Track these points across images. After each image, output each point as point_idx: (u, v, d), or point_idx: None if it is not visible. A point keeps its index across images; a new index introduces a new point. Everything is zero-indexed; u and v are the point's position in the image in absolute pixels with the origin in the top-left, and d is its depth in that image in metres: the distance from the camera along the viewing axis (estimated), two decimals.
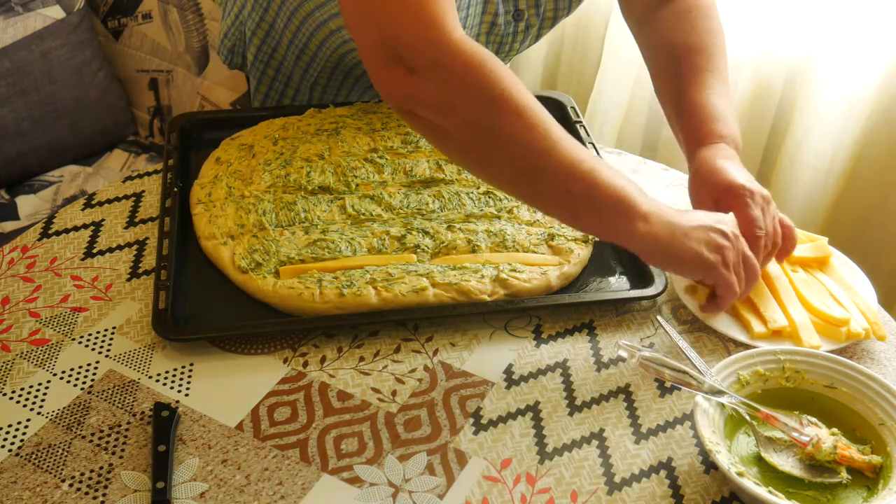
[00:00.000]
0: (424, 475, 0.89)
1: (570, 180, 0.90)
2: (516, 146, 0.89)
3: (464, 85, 0.88)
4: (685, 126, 1.11)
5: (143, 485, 0.87)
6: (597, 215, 0.93)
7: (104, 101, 1.94)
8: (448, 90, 0.88)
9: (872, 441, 0.90)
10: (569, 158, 0.90)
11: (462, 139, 0.91)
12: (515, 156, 0.90)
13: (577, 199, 0.91)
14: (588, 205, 0.92)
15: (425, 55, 0.87)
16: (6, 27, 1.79)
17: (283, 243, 1.08)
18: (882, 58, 1.66)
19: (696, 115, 1.10)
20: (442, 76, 0.88)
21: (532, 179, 0.92)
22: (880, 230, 1.85)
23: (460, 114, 0.89)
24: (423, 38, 0.87)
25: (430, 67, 0.88)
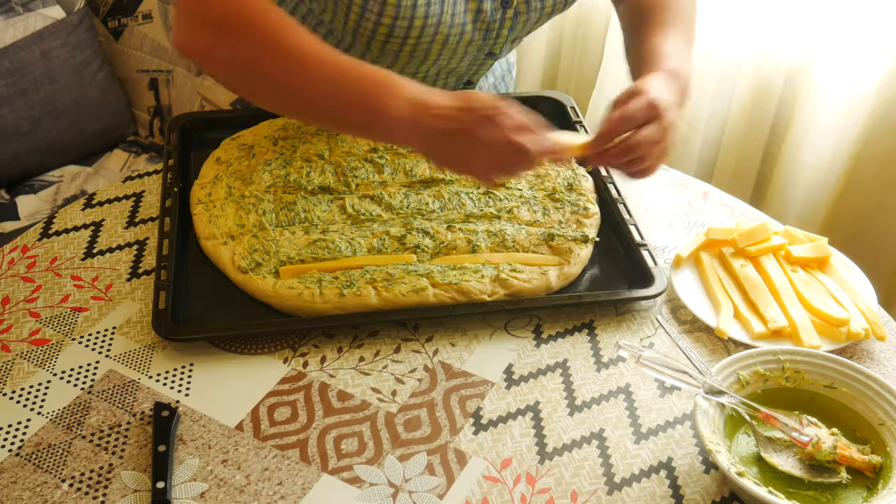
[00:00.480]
0: (424, 475, 0.89)
1: (329, 106, 0.98)
2: (274, 84, 0.99)
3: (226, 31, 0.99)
4: (641, 61, 1.14)
5: (143, 485, 0.87)
6: (359, 127, 1.01)
7: (104, 101, 1.94)
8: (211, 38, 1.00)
9: (872, 441, 0.90)
10: (326, 86, 0.97)
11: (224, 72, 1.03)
12: (273, 91, 1.00)
13: (338, 117, 0.99)
14: (349, 121, 0.99)
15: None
16: (6, 27, 1.79)
17: (283, 243, 1.08)
18: (882, 58, 1.66)
19: (646, 57, 1.13)
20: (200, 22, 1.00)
21: (296, 104, 1.01)
22: (880, 230, 1.85)
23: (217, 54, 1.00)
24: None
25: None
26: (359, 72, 0.97)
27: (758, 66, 1.81)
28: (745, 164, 1.93)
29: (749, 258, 1.11)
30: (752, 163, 1.93)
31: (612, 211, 1.17)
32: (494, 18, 1.19)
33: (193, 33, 1.02)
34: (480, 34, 1.21)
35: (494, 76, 1.47)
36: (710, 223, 1.19)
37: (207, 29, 1.00)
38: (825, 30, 1.71)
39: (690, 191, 1.26)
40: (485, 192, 1.17)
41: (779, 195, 1.88)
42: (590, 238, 1.12)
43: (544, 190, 1.18)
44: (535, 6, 1.21)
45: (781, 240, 1.12)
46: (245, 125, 1.27)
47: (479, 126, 0.94)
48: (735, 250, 1.12)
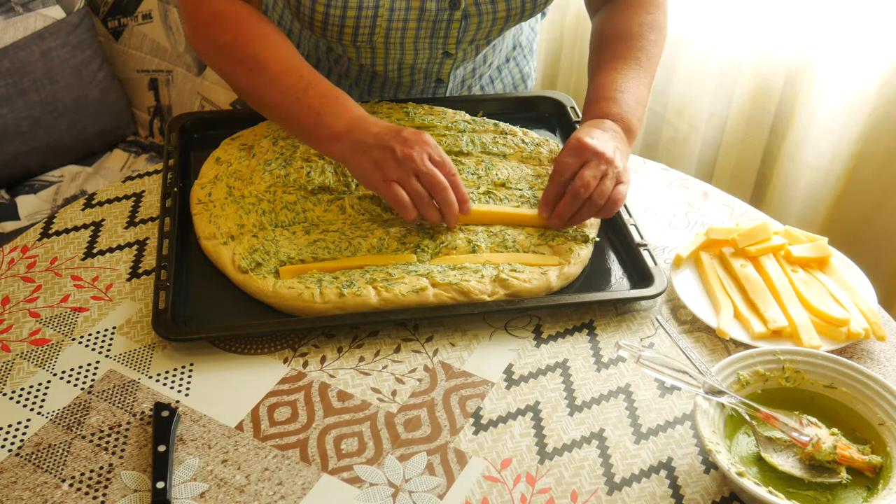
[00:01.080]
0: (424, 475, 0.89)
1: (283, 114, 1.12)
2: (240, 87, 1.16)
3: (202, 36, 1.16)
4: (585, 104, 1.21)
5: (143, 485, 0.87)
6: (305, 136, 1.13)
7: (104, 101, 1.93)
8: (195, 37, 1.18)
9: (872, 441, 0.90)
10: (279, 97, 1.11)
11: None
12: (242, 93, 1.16)
13: (290, 125, 1.13)
14: (297, 128, 1.12)
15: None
16: (6, 27, 1.79)
17: (283, 243, 1.08)
18: (882, 58, 1.66)
19: (596, 93, 1.19)
20: (192, 24, 1.17)
21: (260, 107, 1.16)
22: (880, 230, 1.86)
23: (203, 57, 1.19)
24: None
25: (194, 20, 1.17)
26: (316, 89, 1.10)
27: (758, 66, 1.81)
28: (745, 164, 1.93)
29: (749, 258, 1.11)
30: (752, 163, 1.93)
31: None
32: (441, 18, 1.19)
33: (189, 31, 1.18)
34: (426, 32, 1.21)
35: (504, 84, 1.47)
36: (710, 223, 1.19)
37: (197, 31, 1.17)
38: (825, 30, 1.71)
39: (690, 191, 1.26)
40: (485, 191, 1.17)
41: (779, 195, 1.88)
42: (590, 238, 1.12)
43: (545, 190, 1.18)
44: (486, 10, 1.20)
45: (781, 240, 1.12)
46: (245, 125, 1.27)
47: (400, 145, 1.04)
48: (735, 250, 1.12)
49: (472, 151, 1.23)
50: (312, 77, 1.11)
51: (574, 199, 1.08)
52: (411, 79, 1.33)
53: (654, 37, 1.25)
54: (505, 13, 1.22)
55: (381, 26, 1.18)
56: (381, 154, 1.05)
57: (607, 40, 1.25)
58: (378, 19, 1.17)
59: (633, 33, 1.24)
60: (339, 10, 1.16)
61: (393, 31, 1.19)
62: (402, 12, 1.17)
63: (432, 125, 1.26)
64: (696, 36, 1.86)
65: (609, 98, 1.17)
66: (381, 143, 1.05)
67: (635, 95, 1.18)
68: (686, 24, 1.86)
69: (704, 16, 1.84)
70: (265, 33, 1.13)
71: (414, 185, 1.04)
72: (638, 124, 1.18)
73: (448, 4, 1.18)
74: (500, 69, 1.44)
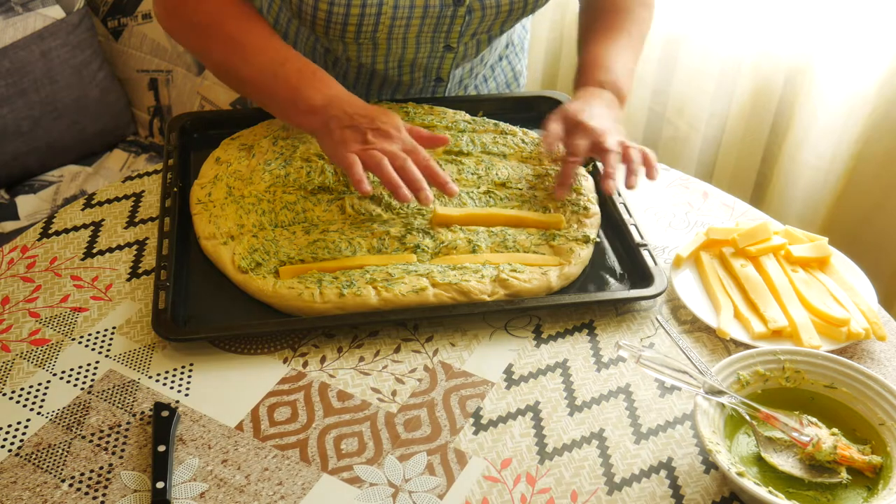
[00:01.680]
0: (424, 475, 0.89)
1: (260, 88, 1.15)
2: (216, 64, 1.18)
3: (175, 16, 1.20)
4: (578, 72, 1.27)
5: (143, 485, 0.87)
6: (281, 110, 1.15)
7: (104, 101, 1.94)
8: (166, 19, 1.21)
9: (872, 441, 0.90)
10: (255, 72, 1.14)
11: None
12: (219, 70, 1.19)
13: (267, 100, 1.15)
14: (274, 103, 1.15)
15: None
16: (6, 27, 1.79)
17: (283, 243, 1.08)
18: (882, 58, 1.66)
19: (587, 63, 1.26)
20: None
21: (237, 84, 1.20)
22: (880, 230, 1.86)
23: (176, 36, 1.23)
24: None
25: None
26: (293, 64, 1.13)
27: (758, 66, 1.81)
28: (745, 164, 1.93)
29: (749, 258, 1.11)
30: (752, 163, 1.93)
31: (612, 211, 1.17)
32: (445, 14, 1.20)
33: (161, 11, 1.22)
34: (429, 27, 1.22)
35: (497, 83, 1.47)
36: (710, 223, 1.19)
37: (168, 10, 1.20)
38: (825, 30, 1.71)
39: (690, 191, 1.26)
40: (485, 191, 1.17)
41: (779, 195, 1.88)
42: (591, 238, 1.12)
43: (545, 189, 1.18)
44: (489, 3, 1.21)
45: (781, 240, 1.12)
46: (245, 125, 1.27)
47: (373, 131, 1.07)
48: (735, 250, 1.12)
49: (472, 151, 1.23)
50: (289, 53, 1.14)
51: (622, 150, 1.12)
52: (411, 76, 1.33)
53: (643, 13, 1.31)
54: (508, 7, 1.23)
55: (385, 23, 1.18)
56: (351, 134, 1.07)
57: (598, 12, 1.31)
58: (382, 16, 1.17)
59: (623, 7, 1.30)
60: (343, 9, 1.16)
61: (396, 27, 1.20)
62: (406, 9, 1.18)
63: (432, 125, 1.26)
64: (696, 36, 1.86)
65: (602, 66, 1.23)
66: (354, 125, 1.07)
67: (625, 65, 1.25)
68: (686, 24, 1.86)
69: (704, 16, 1.84)
70: (240, 12, 1.16)
71: (372, 153, 1.05)
72: (628, 92, 1.24)
73: (452, 0, 1.18)
74: (493, 67, 1.45)
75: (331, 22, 1.18)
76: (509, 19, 1.26)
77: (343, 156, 1.06)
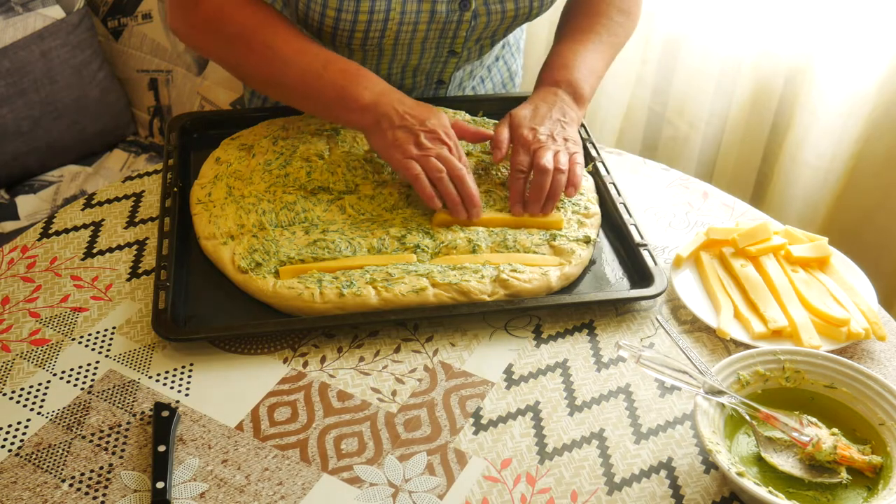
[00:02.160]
0: (424, 475, 0.89)
1: (305, 92, 1.15)
2: (253, 76, 1.19)
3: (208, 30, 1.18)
4: (541, 68, 1.26)
5: (143, 485, 0.87)
6: (329, 111, 1.15)
7: (104, 101, 1.93)
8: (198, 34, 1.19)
9: (872, 441, 0.90)
10: (298, 76, 1.14)
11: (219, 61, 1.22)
12: (257, 81, 1.20)
13: (313, 103, 1.16)
14: (321, 104, 1.15)
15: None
16: (6, 27, 1.79)
17: (283, 243, 1.08)
18: (882, 57, 1.66)
19: (549, 61, 1.25)
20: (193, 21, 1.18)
21: (278, 91, 1.19)
22: (880, 230, 1.85)
23: (206, 51, 1.24)
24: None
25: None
26: (336, 65, 1.13)
27: (758, 66, 1.81)
28: (745, 164, 1.93)
29: (749, 258, 1.11)
30: (752, 163, 1.93)
31: (612, 211, 1.17)
32: (451, 20, 1.20)
33: (188, 29, 1.19)
34: (436, 33, 1.22)
35: (493, 83, 1.47)
36: (710, 223, 1.19)
37: (197, 27, 1.18)
38: (825, 30, 1.71)
39: (690, 191, 1.26)
40: (486, 190, 1.17)
41: (779, 195, 1.88)
42: (592, 239, 1.12)
43: None
44: (494, 9, 1.21)
45: (781, 240, 1.12)
46: (245, 125, 1.27)
47: (425, 134, 1.09)
48: (735, 250, 1.12)
49: (472, 151, 1.23)
50: (329, 55, 1.14)
51: (544, 176, 1.11)
52: (413, 80, 1.33)
53: (620, 19, 1.29)
54: (514, 12, 1.23)
55: (392, 29, 1.18)
56: (403, 135, 1.09)
57: (572, 14, 1.31)
58: (389, 23, 1.17)
59: (598, 11, 1.29)
60: (351, 16, 1.15)
61: (403, 33, 1.19)
62: (413, 15, 1.18)
63: None
64: (696, 36, 1.86)
65: (562, 65, 1.22)
66: (406, 125, 1.09)
67: (589, 64, 1.23)
68: (686, 24, 1.86)
69: (704, 16, 1.84)
70: (272, 21, 1.16)
71: (433, 164, 1.08)
72: (589, 91, 1.22)
73: (458, 6, 1.18)
74: (489, 68, 1.45)
75: (338, 29, 1.17)
76: (514, 24, 1.26)
77: (401, 162, 1.08)
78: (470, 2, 1.18)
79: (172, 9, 1.19)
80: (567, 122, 1.17)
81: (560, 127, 1.16)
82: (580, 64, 1.22)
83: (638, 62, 1.93)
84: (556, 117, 1.17)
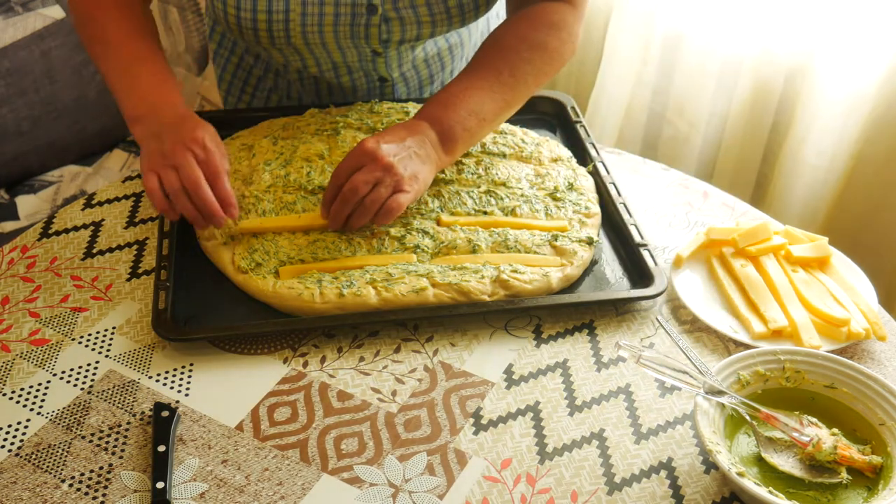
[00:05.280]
0: (424, 475, 0.89)
1: (113, 89, 1.16)
2: (91, 54, 1.20)
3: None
4: (427, 100, 1.17)
5: (143, 485, 0.87)
6: (121, 111, 1.14)
7: (104, 101, 1.94)
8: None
9: (872, 441, 0.90)
10: (109, 70, 1.15)
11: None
12: (93, 59, 1.20)
13: (114, 96, 1.15)
14: (118, 103, 1.14)
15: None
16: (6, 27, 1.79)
17: (282, 243, 1.08)
18: (882, 57, 1.66)
19: (436, 96, 1.15)
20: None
21: (102, 76, 1.19)
22: (880, 230, 1.85)
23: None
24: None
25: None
26: (134, 68, 1.13)
27: (758, 66, 1.81)
28: (745, 164, 1.93)
29: (749, 258, 1.11)
30: (752, 163, 1.93)
31: (612, 211, 1.17)
32: (358, 22, 1.18)
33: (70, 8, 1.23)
34: (344, 34, 1.19)
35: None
36: (711, 223, 1.19)
37: (70, 8, 1.22)
38: (825, 29, 1.71)
39: (690, 191, 1.26)
40: (486, 190, 1.16)
41: (779, 195, 1.88)
42: (594, 240, 1.12)
43: (545, 189, 1.18)
44: (406, 14, 1.18)
45: (781, 240, 1.12)
46: (245, 125, 1.27)
47: (171, 139, 1.04)
48: (735, 250, 1.12)
49: (471, 151, 1.23)
50: (142, 54, 1.14)
51: (344, 202, 1.05)
52: (351, 78, 1.31)
53: (529, 55, 1.16)
54: (429, 18, 1.19)
55: (296, 30, 1.17)
56: (155, 145, 1.05)
57: (483, 44, 1.20)
58: (291, 23, 1.16)
59: (506, 45, 1.17)
60: (249, 14, 1.15)
61: (309, 33, 1.18)
62: (315, 17, 1.16)
63: None
64: (696, 35, 1.86)
65: (442, 102, 1.12)
66: (158, 134, 1.06)
67: (472, 105, 1.12)
68: (686, 23, 1.86)
69: (704, 15, 1.84)
70: (116, 5, 1.17)
71: (168, 177, 1.03)
72: (463, 134, 1.12)
73: (365, 10, 1.17)
74: (452, 71, 1.40)
75: (242, 27, 1.17)
76: (437, 30, 1.22)
77: (143, 174, 1.04)
78: (376, 6, 1.16)
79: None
80: (420, 157, 1.08)
81: (409, 155, 1.07)
82: (462, 104, 1.12)
83: (638, 62, 1.93)
84: (410, 146, 1.07)
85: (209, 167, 1.03)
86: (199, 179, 1.02)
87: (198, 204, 1.02)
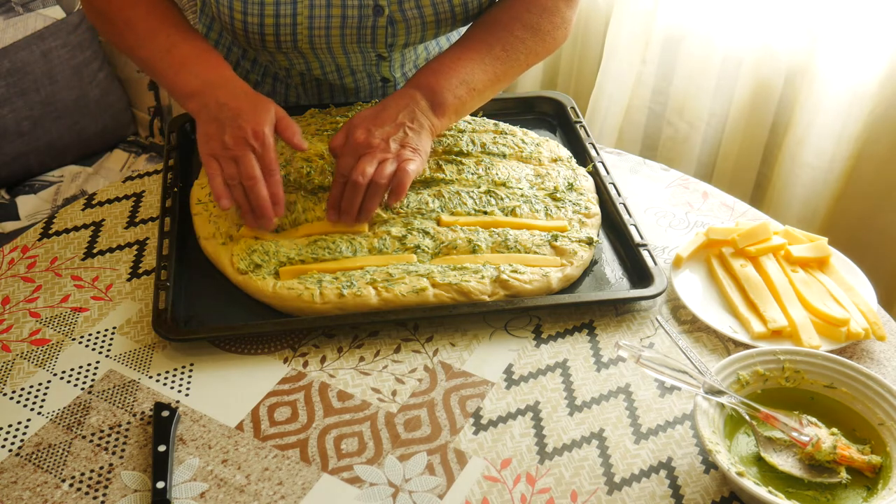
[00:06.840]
0: (424, 475, 0.89)
1: (154, 70, 1.15)
2: (119, 47, 1.20)
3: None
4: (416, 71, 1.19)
5: (143, 485, 0.87)
6: (170, 92, 1.14)
7: (104, 101, 1.94)
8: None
9: (872, 441, 0.90)
10: (148, 54, 1.15)
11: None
12: (123, 52, 1.22)
13: (160, 81, 1.15)
14: (164, 84, 1.14)
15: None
16: (6, 27, 1.79)
17: (282, 244, 1.08)
18: (882, 56, 1.66)
19: (426, 65, 1.17)
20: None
21: (139, 64, 1.19)
22: (880, 230, 1.85)
23: (92, 23, 1.25)
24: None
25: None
26: (181, 48, 1.13)
27: (758, 65, 1.81)
28: (745, 164, 1.93)
29: (749, 258, 1.11)
30: (752, 163, 1.93)
31: (612, 211, 1.17)
32: (365, 25, 1.18)
33: (85, 10, 1.23)
34: (352, 37, 1.20)
35: None
36: (710, 223, 1.19)
37: (85, 7, 1.22)
38: (826, 28, 1.71)
39: (690, 191, 1.27)
40: (486, 191, 1.17)
41: (779, 195, 1.88)
42: (594, 240, 1.12)
43: (545, 189, 1.18)
44: (412, 15, 1.18)
45: (781, 240, 1.12)
46: None
47: (234, 127, 1.04)
48: (735, 250, 1.12)
49: (471, 151, 1.23)
50: (178, 37, 1.13)
51: (354, 190, 1.06)
52: (354, 79, 1.31)
53: (522, 34, 1.18)
54: (433, 18, 1.19)
55: (303, 34, 1.17)
56: (215, 129, 1.05)
57: (475, 23, 1.21)
58: (298, 27, 1.16)
59: (500, 23, 1.19)
60: (257, 19, 1.15)
61: (316, 37, 1.18)
62: (323, 19, 1.16)
63: None
64: (696, 34, 1.86)
65: (433, 70, 1.14)
66: (220, 119, 1.05)
67: (464, 74, 1.14)
68: (686, 22, 1.86)
69: (704, 15, 1.84)
70: (146, 3, 1.16)
71: (229, 168, 1.04)
72: (455, 102, 1.13)
73: (371, 11, 1.16)
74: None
75: (248, 33, 1.17)
76: (440, 30, 1.22)
77: (203, 158, 1.06)
78: (383, 8, 1.16)
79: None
80: (414, 129, 1.09)
81: (403, 132, 1.08)
82: (453, 72, 1.13)
83: (638, 62, 1.93)
84: (402, 121, 1.09)
85: (265, 162, 1.05)
86: (258, 178, 1.04)
87: (252, 201, 1.05)
